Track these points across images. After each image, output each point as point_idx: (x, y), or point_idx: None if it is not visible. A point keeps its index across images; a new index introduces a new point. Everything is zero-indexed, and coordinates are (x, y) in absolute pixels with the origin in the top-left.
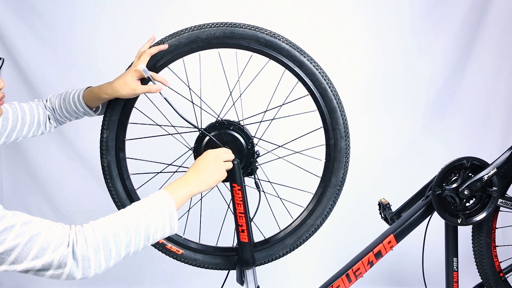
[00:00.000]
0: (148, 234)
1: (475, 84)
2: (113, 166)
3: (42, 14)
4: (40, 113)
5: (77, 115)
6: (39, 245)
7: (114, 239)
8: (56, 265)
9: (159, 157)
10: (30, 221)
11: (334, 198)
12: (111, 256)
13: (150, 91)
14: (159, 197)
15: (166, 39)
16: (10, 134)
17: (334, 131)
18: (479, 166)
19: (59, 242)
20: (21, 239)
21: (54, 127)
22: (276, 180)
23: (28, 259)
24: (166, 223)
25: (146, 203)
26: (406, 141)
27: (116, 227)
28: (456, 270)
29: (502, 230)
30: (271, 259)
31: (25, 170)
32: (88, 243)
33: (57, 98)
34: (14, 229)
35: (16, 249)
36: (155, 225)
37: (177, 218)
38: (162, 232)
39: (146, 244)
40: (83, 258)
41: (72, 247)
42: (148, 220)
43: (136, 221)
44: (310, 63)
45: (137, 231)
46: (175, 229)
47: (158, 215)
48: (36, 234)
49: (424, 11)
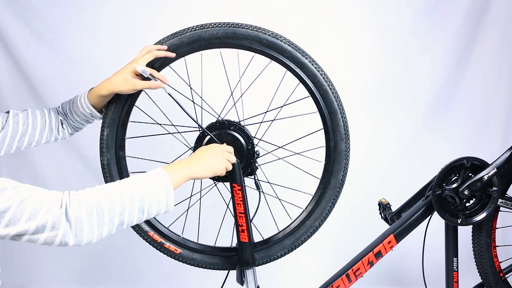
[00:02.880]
0: (142, 206)
1: (475, 84)
2: (113, 164)
3: (42, 14)
4: (52, 117)
5: (86, 117)
6: (32, 207)
7: (108, 205)
8: (50, 227)
9: (159, 156)
10: (21, 185)
11: (333, 200)
12: (104, 221)
13: (150, 87)
14: (156, 173)
15: (168, 38)
16: (22, 138)
17: (334, 133)
18: (479, 166)
19: (51, 204)
20: (13, 201)
21: (70, 133)
22: (275, 181)
23: (21, 221)
24: (162, 199)
25: (143, 177)
26: (406, 141)
27: (111, 194)
28: (456, 270)
29: (502, 230)
30: (269, 259)
31: (25, 170)
32: (82, 205)
33: (67, 103)
34: (5, 192)
35: (8, 211)
36: (150, 198)
37: (173, 196)
38: (158, 207)
39: (141, 217)
40: (76, 220)
41: (66, 208)
42: (144, 192)
43: (132, 191)
44: (311, 64)
45: (131, 200)
46: (171, 206)
47: (153, 189)
48: (28, 196)
49: (424, 11)
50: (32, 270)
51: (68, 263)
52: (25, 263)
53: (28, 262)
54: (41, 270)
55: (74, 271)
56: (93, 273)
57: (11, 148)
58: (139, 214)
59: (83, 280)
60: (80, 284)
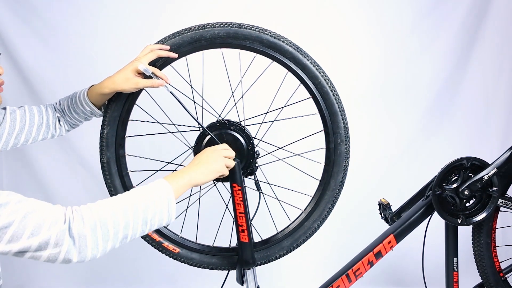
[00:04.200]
0: (146, 218)
1: (475, 84)
2: (112, 162)
3: (42, 14)
4: (49, 114)
5: (85, 115)
6: (35, 222)
7: (112, 219)
8: (53, 243)
9: (159, 155)
10: (25, 199)
11: (332, 202)
12: (109, 236)
13: (153, 86)
14: (158, 184)
15: (170, 37)
16: (19, 135)
17: (334, 134)
18: (479, 166)
19: (54, 219)
20: (16, 216)
21: (66, 130)
22: (275, 181)
23: (24, 237)
24: (164, 210)
25: (145, 189)
26: (406, 140)
27: (114, 208)
28: (456, 270)
29: (502, 230)
30: (268, 260)
31: (25, 170)
32: (85, 221)
33: (65, 100)
34: (8, 206)
35: (11, 226)
36: (153, 210)
37: (175, 206)
38: (160, 218)
39: (144, 230)
40: (80, 236)
41: (69, 224)
42: (147, 204)
43: (135, 204)
44: (313, 66)
45: (135, 214)
46: (173, 217)
47: (156, 201)
48: (30, 211)
49: (424, 11)
50: (32, 270)
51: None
52: (25, 263)
53: (28, 262)
54: (41, 270)
55: (74, 271)
56: (93, 273)
57: (8, 145)
58: (143, 226)
59: (83, 280)
60: (80, 284)
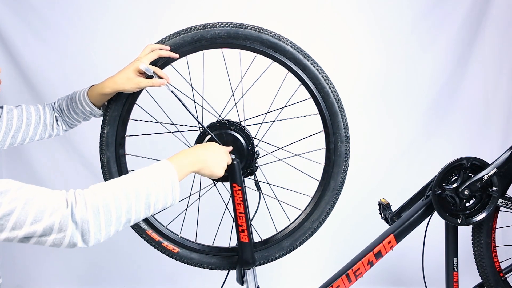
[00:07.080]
0: (149, 201)
1: (475, 84)
2: (112, 162)
3: (42, 14)
4: (47, 114)
5: (84, 115)
6: (37, 208)
7: (114, 203)
8: (57, 228)
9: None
10: (25, 186)
11: (332, 202)
12: (111, 221)
13: (154, 85)
14: (161, 166)
15: (171, 37)
16: (16, 135)
17: (334, 135)
18: (479, 166)
19: (56, 204)
20: (17, 203)
21: (64, 129)
22: (275, 182)
23: (27, 223)
24: (168, 193)
25: (148, 171)
26: (406, 140)
27: (117, 192)
28: (456, 270)
29: (502, 230)
30: (267, 260)
31: (25, 169)
32: (88, 205)
33: (64, 99)
34: (9, 194)
35: (13, 213)
36: (156, 193)
37: (179, 189)
38: (164, 201)
39: (147, 213)
40: (82, 221)
41: (71, 208)
42: (150, 187)
43: (137, 187)
44: (313, 66)
45: (138, 197)
46: (176, 199)
47: (160, 184)
48: (31, 197)
49: (425, 11)
50: (32, 270)
51: (68, 263)
52: (25, 263)
53: (28, 262)
54: (41, 270)
55: (74, 271)
56: (93, 273)
57: (4, 144)
58: (146, 210)
59: (83, 280)
60: (80, 284)
